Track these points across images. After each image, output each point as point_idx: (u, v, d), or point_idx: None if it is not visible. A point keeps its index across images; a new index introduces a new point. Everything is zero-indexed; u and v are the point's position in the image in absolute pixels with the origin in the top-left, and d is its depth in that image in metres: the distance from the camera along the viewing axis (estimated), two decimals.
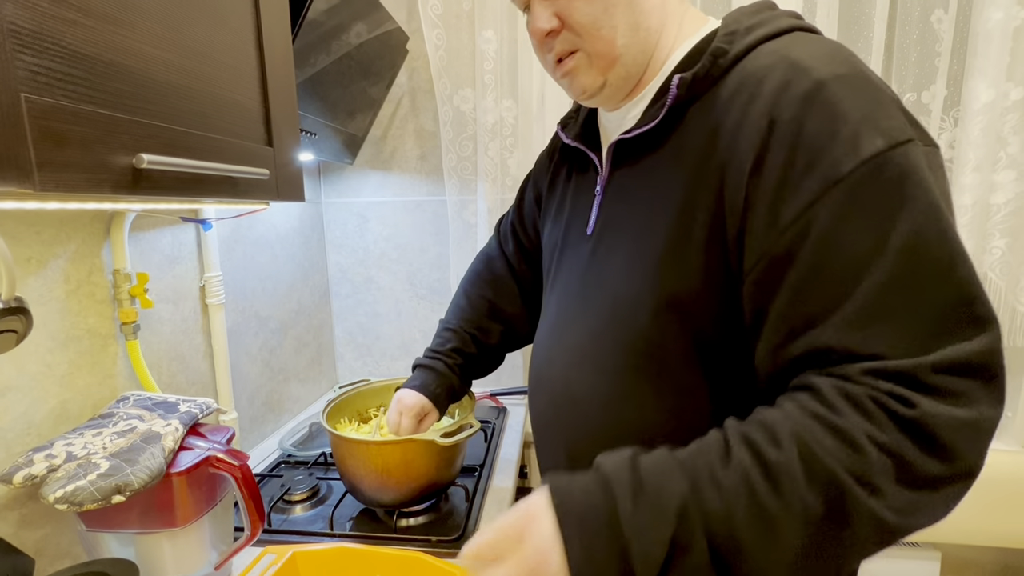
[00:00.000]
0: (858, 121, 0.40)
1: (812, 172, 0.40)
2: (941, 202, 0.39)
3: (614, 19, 0.50)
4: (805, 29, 0.48)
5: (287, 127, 0.63)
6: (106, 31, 0.39)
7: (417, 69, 1.29)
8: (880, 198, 0.39)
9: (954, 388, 0.37)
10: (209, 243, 0.90)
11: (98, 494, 0.52)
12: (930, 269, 0.38)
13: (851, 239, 0.39)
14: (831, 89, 0.41)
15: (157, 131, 0.43)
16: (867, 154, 0.39)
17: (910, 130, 0.40)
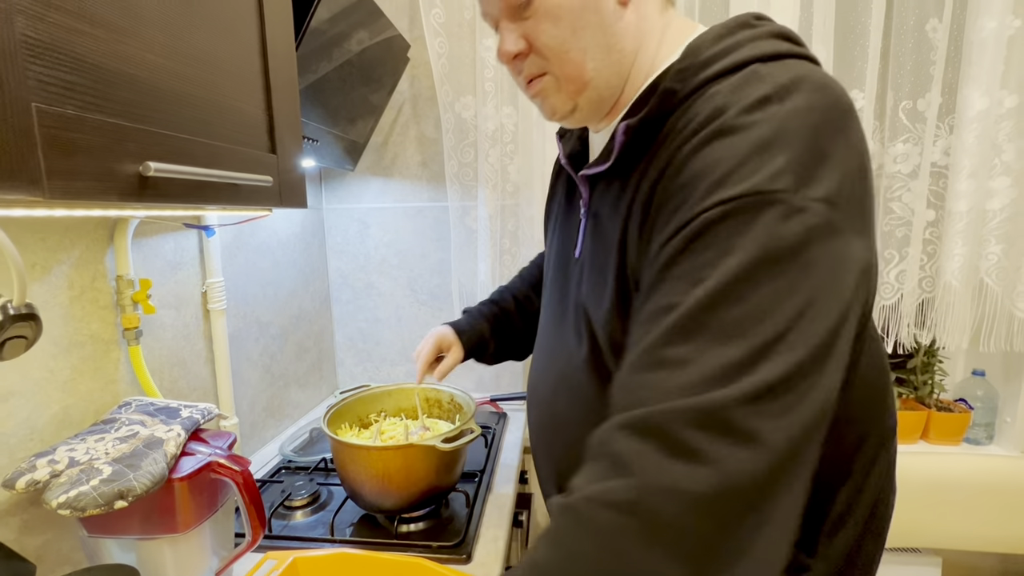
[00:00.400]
0: (731, 165, 0.37)
1: (674, 217, 0.40)
2: (775, 268, 0.35)
3: (583, 42, 0.47)
4: (775, 56, 0.43)
5: (290, 134, 0.64)
6: (114, 41, 0.40)
7: (418, 76, 1.30)
8: (708, 246, 0.37)
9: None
10: (211, 249, 0.91)
11: (101, 499, 0.52)
12: (706, 338, 0.35)
13: (672, 283, 0.39)
14: (727, 136, 0.39)
15: (163, 139, 0.44)
16: (717, 199, 0.37)
17: (786, 180, 0.36)
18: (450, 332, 0.84)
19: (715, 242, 0.37)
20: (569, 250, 0.60)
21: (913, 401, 1.28)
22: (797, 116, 0.38)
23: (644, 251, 0.43)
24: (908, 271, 1.10)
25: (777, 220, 0.35)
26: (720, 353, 0.34)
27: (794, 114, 0.38)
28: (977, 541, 1.16)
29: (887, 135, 1.08)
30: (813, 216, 0.36)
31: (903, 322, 1.12)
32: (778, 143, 0.37)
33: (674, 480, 0.32)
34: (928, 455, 1.20)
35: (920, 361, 1.26)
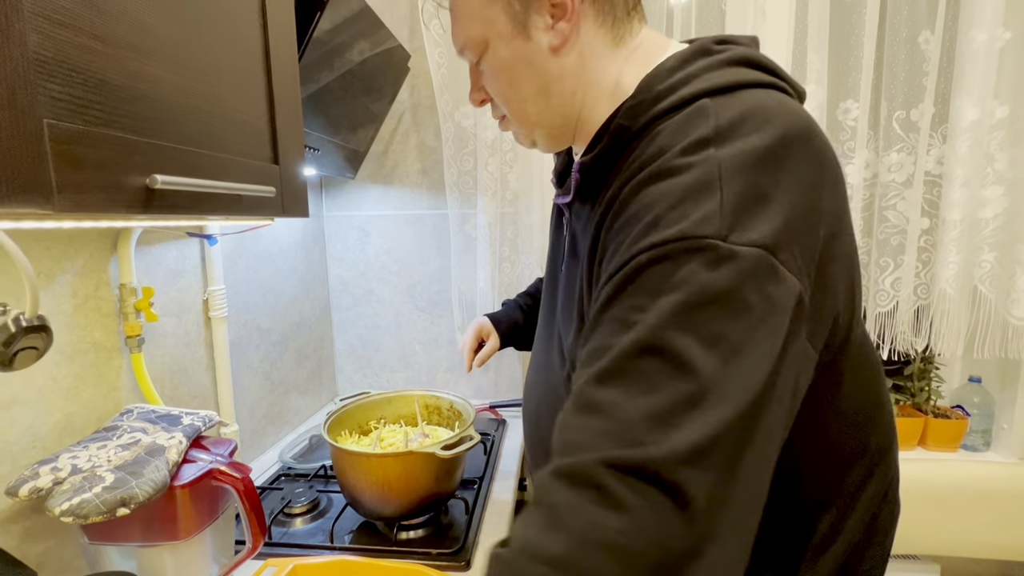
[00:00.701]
0: (666, 207, 0.38)
1: (614, 259, 0.40)
2: (699, 315, 0.35)
3: (520, 92, 0.51)
4: (727, 88, 0.42)
5: (292, 145, 0.65)
6: (123, 57, 0.41)
7: (418, 86, 1.32)
8: (638, 290, 0.37)
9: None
10: (213, 257, 0.92)
11: (103, 507, 0.52)
12: (625, 384, 0.35)
13: (607, 324, 0.39)
14: (665, 177, 0.39)
15: (169, 152, 0.45)
16: (649, 243, 0.37)
17: (713, 226, 0.36)
18: (488, 322, 0.96)
19: (645, 286, 0.37)
20: (557, 265, 0.62)
21: (910, 408, 1.29)
22: (734, 158, 0.38)
23: (592, 287, 0.45)
24: (903, 278, 1.11)
25: (703, 266, 0.35)
26: (645, 402, 0.34)
27: (731, 156, 0.38)
28: (975, 548, 1.16)
29: (881, 144, 1.10)
30: (744, 261, 0.35)
31: (899, 329, 1.13)
32: (710, 187, 0.37)
33: (603, 536, 0.32)
34: (926, 462, 1.21)
35: (916, 368, 1.27)
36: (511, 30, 0.49)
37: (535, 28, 0.48)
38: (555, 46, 0.48)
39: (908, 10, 1.05)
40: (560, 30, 0.48)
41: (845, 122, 1.09)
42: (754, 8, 1.07)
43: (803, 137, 0.40)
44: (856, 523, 0.50)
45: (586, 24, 0.48)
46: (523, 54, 0.49)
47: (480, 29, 0.50)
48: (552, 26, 0.48)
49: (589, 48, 0.49)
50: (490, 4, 0.49)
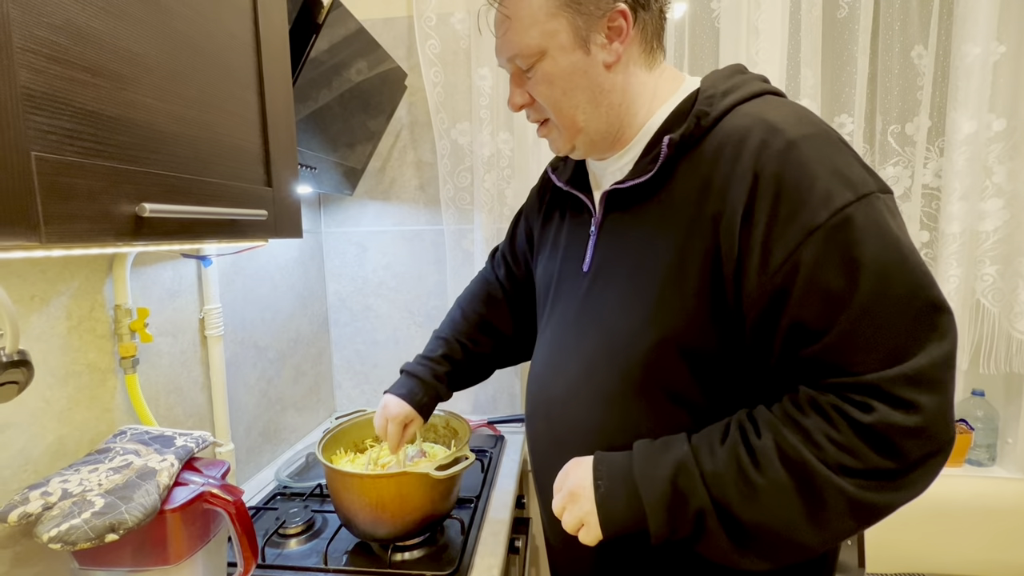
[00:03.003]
0: (828, 176, 0.47)
1: (794, 221, 0.47)
2: (900, 236, 0.47)
3: (574, 100, 0.57)
4: (772, 92, 0.56)
5: (286, 167, 0.66)
6: (114, 89, 0.42)
7: (415, 103, 1.33)
8: (850, 241, 0.46)
9: (908, 398, 0.45)
10: (209, 276, 0.92)
11: (92, 533, 0.52)
12: (895, 296, 0.46)
13: (828, 277, 0.47)
14: (802, 148, 0.48)
15: (160, 179, 0.45)
16: (838, 205, 0.46)
17: (871, 182, 0.48)
18: (409, 410, 0.79)
19: (853, 240, 0.46)
20: (575, 266, 0.64)
21: None
22: (830, 131, 0.50)
23: (759, 250, 0.49)
24: None
25: (881, 210, 0.47)
26: (906, 321, 0.46)
27: (828, 129, 0.50)
28: (980, 565, 1.14)
29: (877, 158, 1.10)
30: (890, 201, 0.49)
31: None
32: (843, 151, 0.49)
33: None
34: None
35: None
36: (572, 43, 0.55)
37: (594, 44, 0.55)
38: (609, 63, 0.56)
39: (900, 25, 1.05)
40: (615, 49, 0.55)
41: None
42: (747, 25, 1.08)
43: None
44: None
45: (633, 48, 0.57)
46: (581, 66, 0.56)
47: (540, 39, 0.55)
48: (608, 45, 0.55)
49: (635, 67, 0.57)
50: (555, 17, 0.55)
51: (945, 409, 0.46)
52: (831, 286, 0.46)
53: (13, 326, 0.42)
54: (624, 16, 0.54)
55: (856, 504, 0.46)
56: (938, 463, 0.47)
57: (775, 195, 0.48)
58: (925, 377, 0.45)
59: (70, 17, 0.38)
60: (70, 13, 0.38)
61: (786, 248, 0.47)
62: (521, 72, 0.59)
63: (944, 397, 0.46)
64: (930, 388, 0.45)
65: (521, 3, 0.55)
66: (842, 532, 0.47)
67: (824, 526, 0.47)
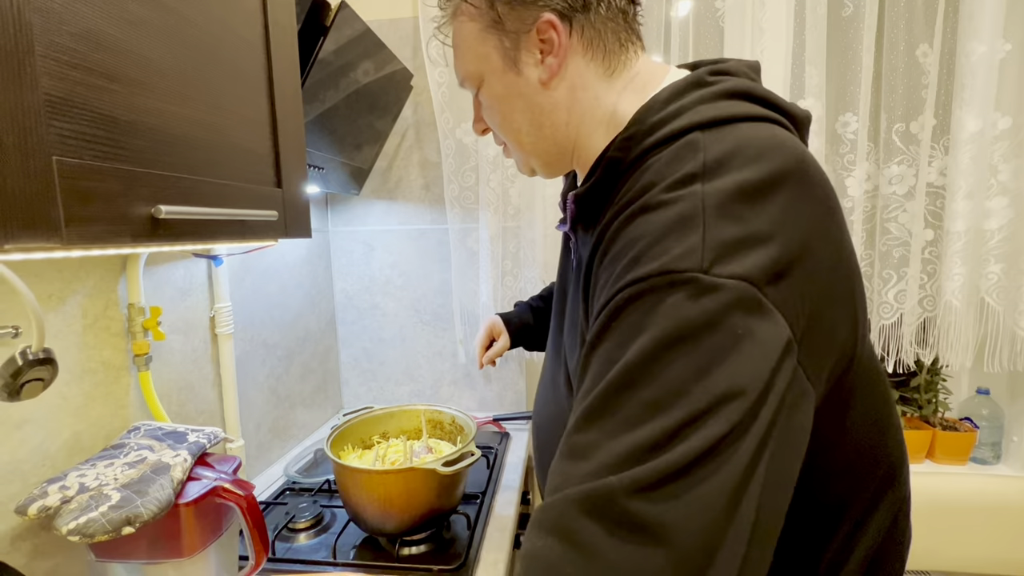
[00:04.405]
0: (647, 243, 0.38)
1: (603, 291, 0.40)
2: (679, 351, 0.34)
3: (515, 123, 0.54)
4: (718, 121, 0.42)
5: (295, 168, 0.67)
6: (131, 94, 0.43)
7: (421, 103, 1.34)
8: (623, 326, 0.37)
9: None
10: (219, 275, 0.93)
11: (109, 526, 0.53)
12: (613, 425, 0.35)
13: (594, 364, 0.38)
14: (649, 212, 0.39)
15: (174, 182, 0.46)
16: (631, 278, 0.37)
17: (695, 259, 0.35)
18: (499, 321, 0.99)
19: (627, 322, 0.37)
20: (565, 287, 0.63)
21: (917, 420, 1.27)
22: (720, 193, 0.37)
23: (588, 320, 0.44)
24: (908, 291, 1.11)
25: (685, 299, 0.34)
26: (622, 440, 0.33)
27: (717, 191, 0.37)
28: (985, 563, 1.14)
29: (882, 157, 1.10)
30: (726, 293, 0.34)
31: (904, 341, 1.12)
32: (692, 221, 0.36)
33: None
34: (934, 475, 1.19)
35: (923, 379, 1.26)
36: (503, 65, 0.51)
37: (525, 64, 0.50)
38: (544, 80, 0.50)
39: (905, 23, 1.05)
40: (548, 65, 0.49)
41: (844, 135, 1.10)
42: (751, 24, 1.08)
43: (796, 172, 0.39)
44: (864, 551, 0.47)
45: (575, 58, 0.50)
46: (515, 88, 0.51)
47: (476, 64, 0.53)
48: (541, 61, 0.50)
49: (580, 80, 0.50)
50: (483, 41, 0.51)
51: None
52: (591, 377, 0.38)
53: (39, 325, 0.43)
54: (553, 26, 0.48)
55: None
56: None
57: (600, 266, 0.43)
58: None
59: (89, 25, 0.39)
60: (89, 21, 0.39)
61: (593, 317, 0.41)
62: (475, 101, 0.57)
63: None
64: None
65: (458, 31, 0.54)
66: None
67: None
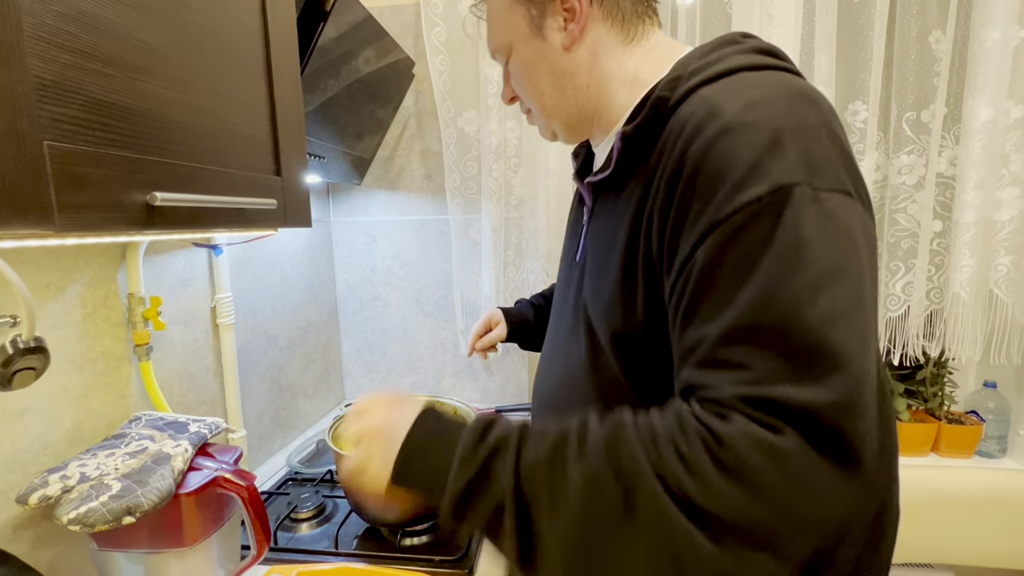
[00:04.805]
0: (748, 165, 0.39)
1: (701, 216, 0.41)
2: (810, 247, 0.38)
3: (539, 87, 0.58)
4: (758, 67, 0.46)
5: (295, 156, 0.66)
6: (125, 78, 0.42)
7: (423, 92, 1.32)
8: (748, 244, 0.39)
9: (768, 423, 0.37)
10: (220, 265, 0.93)
11: (109, 516, 0.53)
12: (773, 319, 0.38)
13: (717, 283, 0.40)
14: (733, 134, 0.41)
15: (171, 168, 0.45)
16: (745, 200, 0.39)
17: (800, 172, 0.39)
18: (498, 312, 1.02)
19: (751, 242, 0.39)
20: (572, 256, 0.64)
21: (923, 413, 1.26)
22: (794, 118, 0.41)
23: (670, 247, 0.44)
24: (915, 283, 1.09)
25: (800, 211, 0.38)
26: (781, 349, 0.38)
27: (788, 113, 0.41)
28: (990, 557, 1.14)
29: (891, 146, 1.08)
30: (831, 201, 0.39)
31: (910, 333, 1.11)
32: (783, 140, 0.40)
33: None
34: (939, 468, 1.18)
35: (929, 372, 1.25)
36: (529, 32, 0.56)
37: (549, 30, 0.55)
38: (567, 45, 0.55)
39: (918, 9, 1.03)
40: (571, 31, 0.54)
41: (854, 124, 1.08)
42: (760, 10, 1.06)
43: (834, 112, 0.45)
44: (856, 532, 0.47)
45: (595, 25, 0.54)
46: (540, 53, 0.56)
47: (506, 34, 0.58)
48: (564, 27, 0.54)
49: (601, 45, 0.55)
50: (513, 11, 0.57)
51: (822, 454, 0.36)
52: (716, 295, 0.40)
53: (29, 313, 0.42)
54: None
55: (666, 526, 0.36)
56: (774, 524, 0.36)
57: (689, 188, 0.42)
58: (792, 411, 0.36)
59: (80, 6, 0.38)
60: (80, 2, 0.38)
61: (688, 246, 0.42)
62: (505, 70, 0.62)
63: (821, 440, 0.36)
64: (798, 427, 0.36)
65: (491, 5, 0.59)
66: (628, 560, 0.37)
67: (618, 551, 0.37)
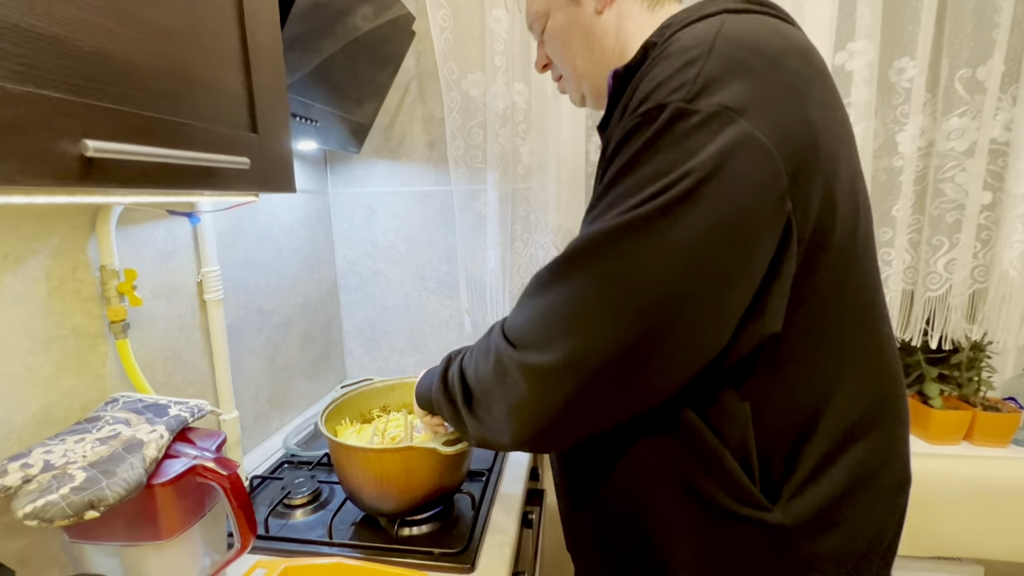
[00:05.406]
0: (651, 87, 0.43)
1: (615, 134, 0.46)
2: (645, 155, 0.42)
3: (572, 48, 0.62)
4: (741, 11, 0.47)
5: (274, 112, 0.58)
6: (48, 2, 0.35)
7: (424, 52, 1.23)
8: (626, 152, 0.44)
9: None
10: (206, 237, 0.87)
11: (69, 510, 0.48)
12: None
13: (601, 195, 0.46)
14: (669, 59, 0.44)
15: (111, 115, 0.38)
16: (627, 119, 0.44)
17: (683, 92, 0.41)
18: None
19: (621, 155, 0.44)
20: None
21: (956, 399, 1.19)
22: (730, 42, 0.43)
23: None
24: (959, 259, 1.00)
25: (665, 123, 0.41)
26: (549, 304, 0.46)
27: (727, 40, 0.43)
28: (1022, 552, 1.07)
29: (940, 108, 0.98)
30: (702, 115, 0.40)
31: (952, 315, 1.03)
32: (694, 62, 0.42)
33: None
34: (972, 458, 1.11)
35: (966, 356, 1.16)
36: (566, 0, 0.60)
37: None
38: (599, 9, 0.59)
39: None
40: None
41: (899, 83, 0.97)
42: None
43: (806, 51, 0.46)
44: (847, 473, 0.48)
45: None
46: (574, 17, 0.60)
47: (542, 3, 0.63)
48: None
49: (627, 10, 0.58)
50: None
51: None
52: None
53: None
54: None
55: (460, 412, 0.56)
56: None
57: (623, 114, 0.46)
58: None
59: None
60: None
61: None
62: (540, 37, 0.66)
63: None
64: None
65: None
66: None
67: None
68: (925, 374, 1.17)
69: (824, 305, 0.46)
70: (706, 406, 0.48)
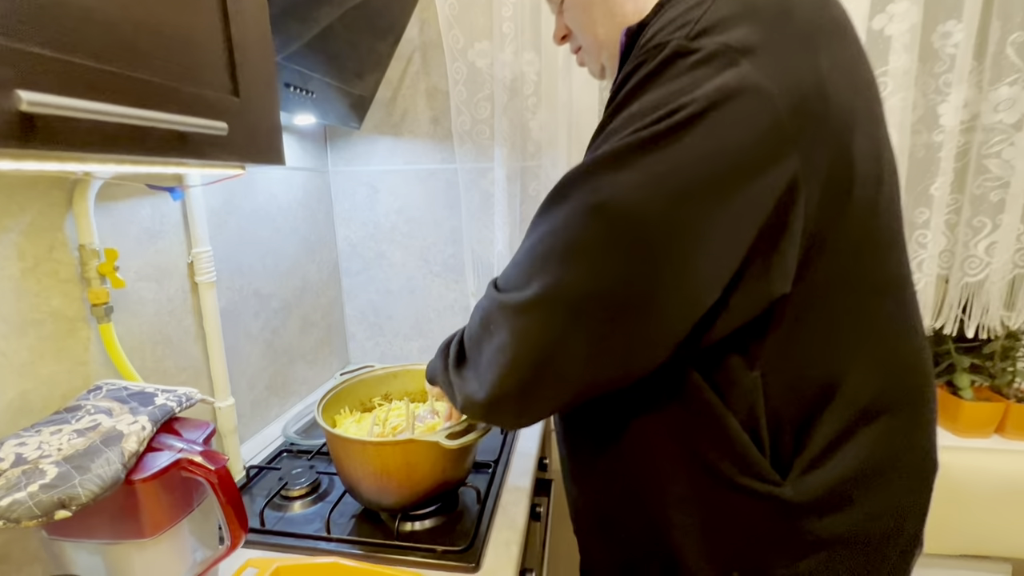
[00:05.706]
0: (662, 24, 0.43)
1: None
2: (646, 88, 0.41)
3: (593, 16, 0.59)
4: None
5: (258, 74, 0.53)
6: None
7: (428, 20, 1.16)
8: (630, 87, 0.44)
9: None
10: (196, 215, 0.82)
11: (37, 510, 0.44)
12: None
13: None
14: (678, 5, 0.44)
15: (52, 64, 0.33)
16: (641, 53, 0.43)
17: (684, 31, 0.41)
18: None
19: (624, 92, 0.43)
20: None
21: (988, 391, 1.13)
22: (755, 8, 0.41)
23: None
24: (1001, 242, 0.93)
25: (663, 62, 0.41)
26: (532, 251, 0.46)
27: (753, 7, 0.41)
28: None
29: (988, 77, 0.90)
30: (702, 53, 0.39)
31: (992, 302, 0.96)
32: (701, 5, 0.42)
33: None
34: (1003, 452, 1.05)
35: (999, 346, 1.10)
36: None
37: None
38: None
39: None
40: None
41: (943, 49, 0.89)
42: None
43: (825, 2, 0.44)
44: (859, 454, 0.46)
45: None
46: None
47: None
48: None
49: None
50: None
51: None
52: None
53: None
54: None
55: (459, 367, 0.55)
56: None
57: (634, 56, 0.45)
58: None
59: None
60: None
61: None
62: (558, 8, 0.63)
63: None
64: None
65: None
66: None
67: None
68: (956, 363, 1.10)
69: (841, 273, 0.44)
70: (712, 372, 0.46)
